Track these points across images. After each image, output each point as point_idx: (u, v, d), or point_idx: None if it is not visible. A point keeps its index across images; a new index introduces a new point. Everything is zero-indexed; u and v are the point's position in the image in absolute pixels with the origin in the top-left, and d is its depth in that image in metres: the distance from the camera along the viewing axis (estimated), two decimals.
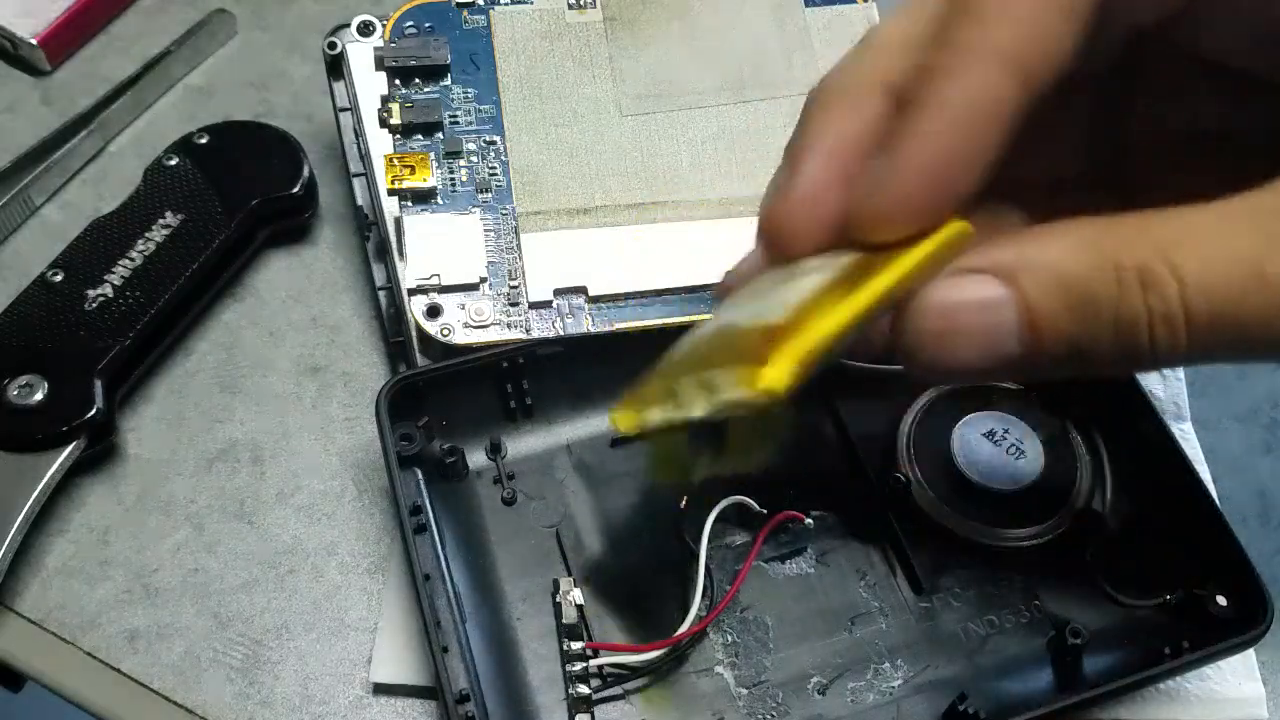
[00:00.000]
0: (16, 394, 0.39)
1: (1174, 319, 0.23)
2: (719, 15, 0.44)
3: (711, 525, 0.37)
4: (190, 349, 0.44)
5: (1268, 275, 0.22)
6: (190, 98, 0.50)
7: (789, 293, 0.25)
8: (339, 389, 0.43)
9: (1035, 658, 0.37)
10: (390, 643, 0.38)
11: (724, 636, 0.37)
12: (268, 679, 0.38)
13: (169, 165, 0.44)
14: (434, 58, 0.41)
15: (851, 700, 0.36)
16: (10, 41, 0.50)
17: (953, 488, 0.39)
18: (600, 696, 0.35)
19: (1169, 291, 0.23)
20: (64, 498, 0.40)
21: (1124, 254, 0.23)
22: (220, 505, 0.41)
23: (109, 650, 0.38)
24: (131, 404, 0.43)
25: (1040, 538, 0.38)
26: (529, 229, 0.40)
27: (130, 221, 0.43)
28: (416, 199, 0.40)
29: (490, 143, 0.41)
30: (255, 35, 0.52)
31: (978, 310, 0.24)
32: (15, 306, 0.41)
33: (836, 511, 0.39)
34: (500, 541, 0.38)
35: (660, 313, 0.39)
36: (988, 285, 0.24)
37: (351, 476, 0.41)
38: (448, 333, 0.38)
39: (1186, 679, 0.37)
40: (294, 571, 0.40)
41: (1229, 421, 0.43)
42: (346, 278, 0.46)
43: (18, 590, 0.39)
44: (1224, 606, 0.36)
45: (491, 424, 0.39)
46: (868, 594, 0.38)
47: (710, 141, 0.42)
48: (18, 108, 0.50)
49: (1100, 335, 0.24)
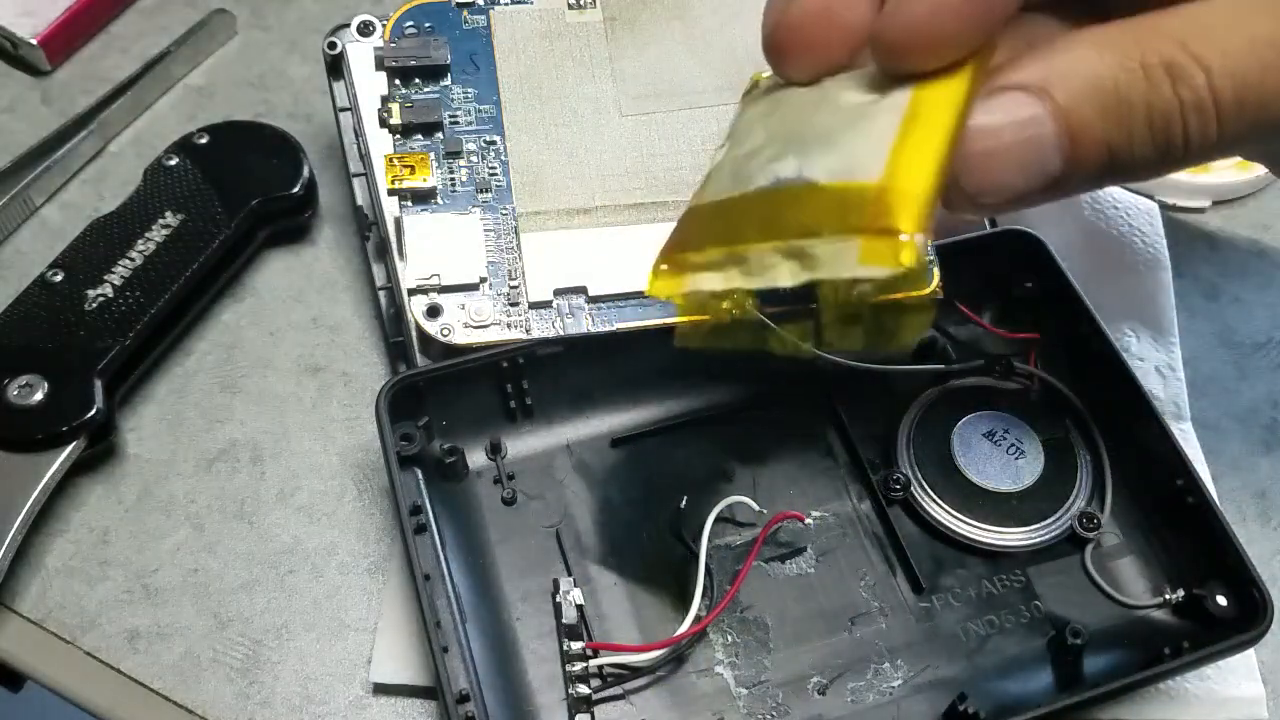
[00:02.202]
0: (16, 394, 0.39)
1: (1204, 106, 0.24)
2: (719, 15, 0.44)
3: (711, 525, 0.37)
4: (190, 349, 0.44)
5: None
6: (190, 98, 0.50)
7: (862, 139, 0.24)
8: (339, 389, 0.43)
9: (1035, 658, 0.37)
10: (390, 643, 0.38)
11: (724, 636, 0.37)
12: (268, 679, 0.38)
13: (169, 165, 0.44)
14: (434, 58, 0.41)
15: (851, 700, 0.36)
16: (10, 41, 0.50)
17: (953, 488, 0.39)
18: (600, 696, 0.35)
19: (1197, 80, 0.24)
20: (64, 498, 0.40)
21: (1149, 51, 0.24)
22: (220, 505, 0.41)
23: (109, 650, 0.38)
24: (131, 404, 0.43)
25: (1040, 538, 0.38)
26: (529, 229, 0.40)
27: (130, 221, 0.43)
28: (416, 199, 0.40)
29: (490, 143, 0.41)
30: (255, 35, 0.52)
31: (1018, 128, 0.24)
32: (15, 306, 0.41)
33: (836, 511, 0.39)
34: (500, 541, 0.38)
35: (660, 313, 0.39)
36: (1024, 102, 0.24)
37: (351, 476, 0.41)
38: (448, 333, 0.38)
39: (1187, 679, 0.37)
40: (294, 571, 0.40)
41: (1229, 421, 0.43)
42: (346, 278, 0.46)
43: (18, 590, 0.39)
44: (1224, 606, 0.36)
45: (491, 424, 0.39)
46: (868, 594, 0.38)
47: (710, 141, 0.42)
48: (18, 108, 0.50)
49: (1136, 134, 0.24)
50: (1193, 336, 0.45)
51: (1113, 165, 0.25)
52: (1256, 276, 0.47)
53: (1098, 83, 0.24)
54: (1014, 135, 0.24)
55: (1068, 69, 0.24)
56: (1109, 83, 0.24)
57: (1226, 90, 0.24)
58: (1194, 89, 0.24)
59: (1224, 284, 0.46)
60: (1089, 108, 0.24)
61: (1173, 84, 0.24)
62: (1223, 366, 0.44)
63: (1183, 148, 0.24)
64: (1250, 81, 0.23)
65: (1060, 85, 0.24)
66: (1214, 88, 0.24)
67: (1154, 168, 0.25)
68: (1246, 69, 0.23)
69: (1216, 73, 0.24)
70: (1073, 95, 0.24)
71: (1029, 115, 0.24)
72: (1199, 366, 0.44)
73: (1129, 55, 0.24)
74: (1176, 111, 0.24)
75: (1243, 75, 0.23)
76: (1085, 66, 0.24)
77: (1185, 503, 0.37)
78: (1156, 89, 0.24)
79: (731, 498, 0.38)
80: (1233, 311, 0.46)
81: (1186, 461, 0.37)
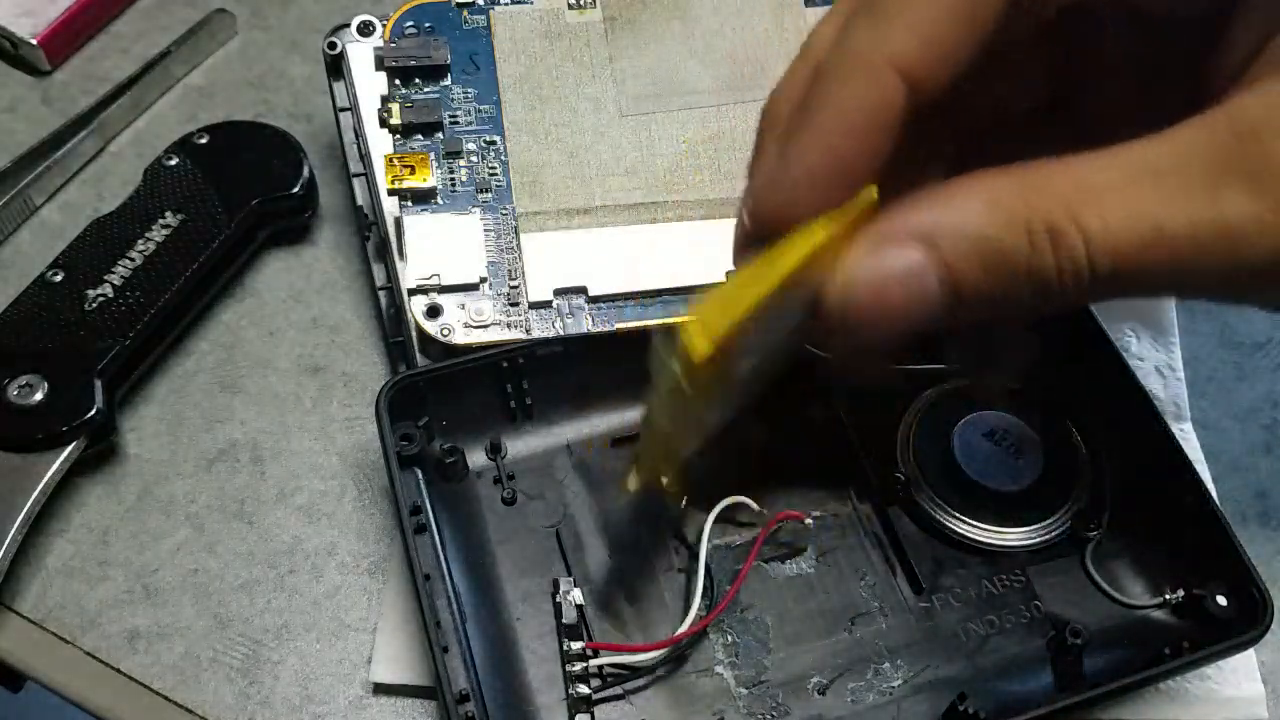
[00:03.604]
0: (16, 394, 0.39)
1: (1080, 274, 0.25)
2: (719, 15, 0.44)
3: (711, 525, 0.37)
4: (190, 349, 0.44)
5: (1165, 232, 0.24)
6: (190, 98, 0.50)
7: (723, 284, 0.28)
8: (339, 389, 0.43)
9: (1035, 658, 0.37)
10: (390, 643, 0.38)
11: (724, 636, 0.37)
12: (268, 679, 0.38)
13: (169, 165, 0.44)
14: (434, 58, 0.41)
15: (851, 700, 0.36)
16: (10, 41, 0.50)
17: (953, 488, 0.39)
18: (600, 696, 0.35)
19: (1077, 251, 0.24)
20: (64, 498, 0.40)
21: (1035, 213, 0.25)
22: (220, 505, 0.41)
23: (109, 650, 0.38)
24: (131, 404, 0.43)
25: (1040, 538, 0.38)
26: (529, 229, 0.40)
27: (130, 221, 0.43)
28: (416, 199, 0.40)
29: (490, 143, 0.41)
30: (255, 35, 0.52)
31: (903, 279, 0.26)
32: (15, 306, 0.41)
33: (836, 511, 0.39)
34: (500, 541, 0.38)
35: (660, 313, 0.39)
36: (910, 253, 0.25)
37: (351, 476, 0.41)
38: (448, 333, 0.38)
39: (1187, 679, 0.37)
40: (294, 571, 0.40)
41: (1229, 421, 0.43)
42: (346, 278, 0.46)
43: (18, 590, 0.39)
44: (1224, 606, 0.36)
45: (491, 424, 0.39)
46: (868, 594, 0.38)
47: (710, 141, 0.42)
48: (18, 108, 0.50)
49: (1015, 290, 0.25)
50: (1193, 336, 0.45)
51: (992, 313, 0.26)
52: None
53: (983, 243, 0.25)
54: (899, 286, 0.26)
55: (956, 224, 0.25)
56: (994, 244, 0.25)
57: (1104, 263, 0.24)
58: (1074, 258, 0.24)
59: None
60: (973, 264, 0.25)
61: (1054, 249, 0.25)
62: (1223, 366, 0.44)
63: (1059, 301, 0.26)
64: (1128, 257, 0.24)
65: (947, 240, 0.25)
66: (1091, 258, 0.24)
67: (1032, 315, 0.27)
68: (1126, 245, 0.24)
69: (1096, 245, 0.24)
70: (959, 253, 0.25)
71: (915, 267, 0.25)
72: (1199, 366, 0.44)
73: (1015, 215, 0.25)
74: (1054, 274, 0.25)
75: (1122, 251, 0.24)
76: (973, 224, 0.25)
77: (1185, 503, 0.37)
78: (1039, 253, 0.25)
79: (731, 498, 0.38)
80: (1233, 311, 0.46)
81: (1186, 461, 0.37)
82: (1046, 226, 0.24)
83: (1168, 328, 0.44)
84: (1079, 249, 0.24)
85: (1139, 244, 0.24)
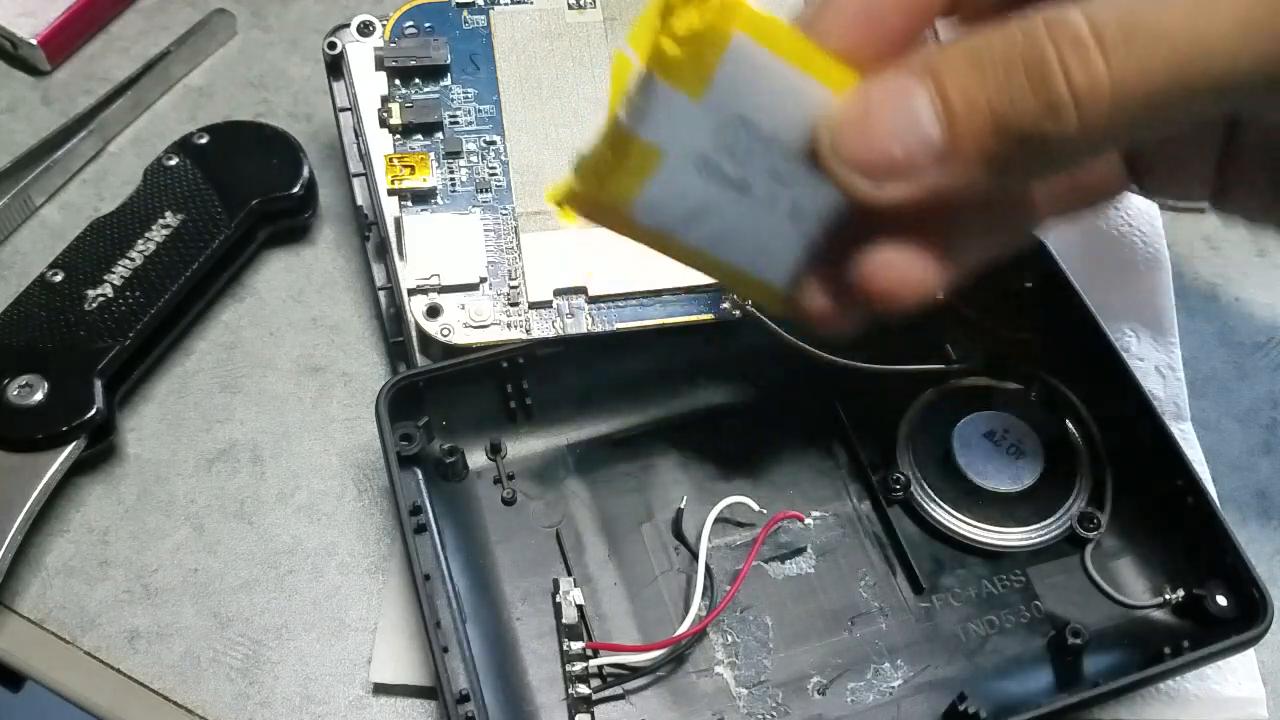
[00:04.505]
0: (16, 394, 0.39)
1: (1083, 42, 0.23)
2: None
3: (711, 525, 0.37)
4: (190, 349, 0.44)
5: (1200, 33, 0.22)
6: (190, 98, 0.50)
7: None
8: (339, 389, 0.43)
9: (1035, 658, 0.37)
10: (390, 643, 0.38)
11: (724, 636, 0.37)
12: (268, 679, 0.38)
13: (169, 165, 0.44)
14: (434, 58, 0.41)
15: (851, 700, 0.36)
16: (10, 41, 0.50)
17: (953, 488, 0.39)
18: (600, 696, 0.35)
19: (1076, 22, 0.23)
20: (64, 498, 0.40)
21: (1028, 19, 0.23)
22: (220, 505, 0.41)
23: (109, 650, 0.38)
24: (131, 404, 0.43)
25: (1040, 538, 0.38)
26: (529, 229, 0.40)
27: (130, 221, 0.43)
28: (416, 199, 0.40)
29: (490, 143, 0.41)
30: (255, 35, 0.52)
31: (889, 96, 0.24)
32: (15, 306, 0.41)
33: (836, 511, 0.39)
34: (500, 541, 0.38)
35: (660, 313, 0.39)
36: (902, 77, 0.24)
37: (351, 476, 0.41)
38: (448, 333, 0.38)
39: (1186, 679, 0.37)
40: (294, 571, 0.40)
41: (1229, 421, 0.43)
42: (346, 278, 0.46)
43: (18, 590, 0.39)
44: (1224, 606, 0.36)
45: (491, 424, 0.39)
46: (868, 594, 0.38)
47: None
48: (18, 108, 0.50)
49: (1016, 87, 0.23)
50: (1193, 336, 0.45)
51: (999, 130, 0.24)
52: (1256, 276, 0.47)
53: (972, 50, 0.24)
54: (886, 105, 0.24)
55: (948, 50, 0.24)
56: (983, 50, 0.24)
57: (1109, 24, 0.22)
58: (1073, 28, 0.22)
59: (1224, 284, 0.46)
60: (962, 67, 0.24)
61: (1049, 33, 0.23)
62: (1223, 366, 0.44)
63: (1071, 101, 0.23)
64: (1140, 12, 0.22)
65: (936, 57, 0.24)
66: (1093, 22, 0.22)
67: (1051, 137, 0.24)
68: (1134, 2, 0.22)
69: (1099, 7, 0.22)
70: (947, 60, 0.24)
71: (900, 83, 0.24)
72: (1199, 366, 0.44)
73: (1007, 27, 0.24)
74: (1054, 56, 0.23)
75: (1129, 5, 0.22)
76: (961, 41, 0.24)
77: (1185, 503, 0.37)
78: (1033, 40, 0.23)
79: (731, 498, 0.38)
80: (1233, 311, 0.46)
81: (1186, 461, 0.37)
82: (1043, 19, 0.23)
83: (1168, 327, 0.44)
84: (1078, 23, 0.22)
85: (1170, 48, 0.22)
